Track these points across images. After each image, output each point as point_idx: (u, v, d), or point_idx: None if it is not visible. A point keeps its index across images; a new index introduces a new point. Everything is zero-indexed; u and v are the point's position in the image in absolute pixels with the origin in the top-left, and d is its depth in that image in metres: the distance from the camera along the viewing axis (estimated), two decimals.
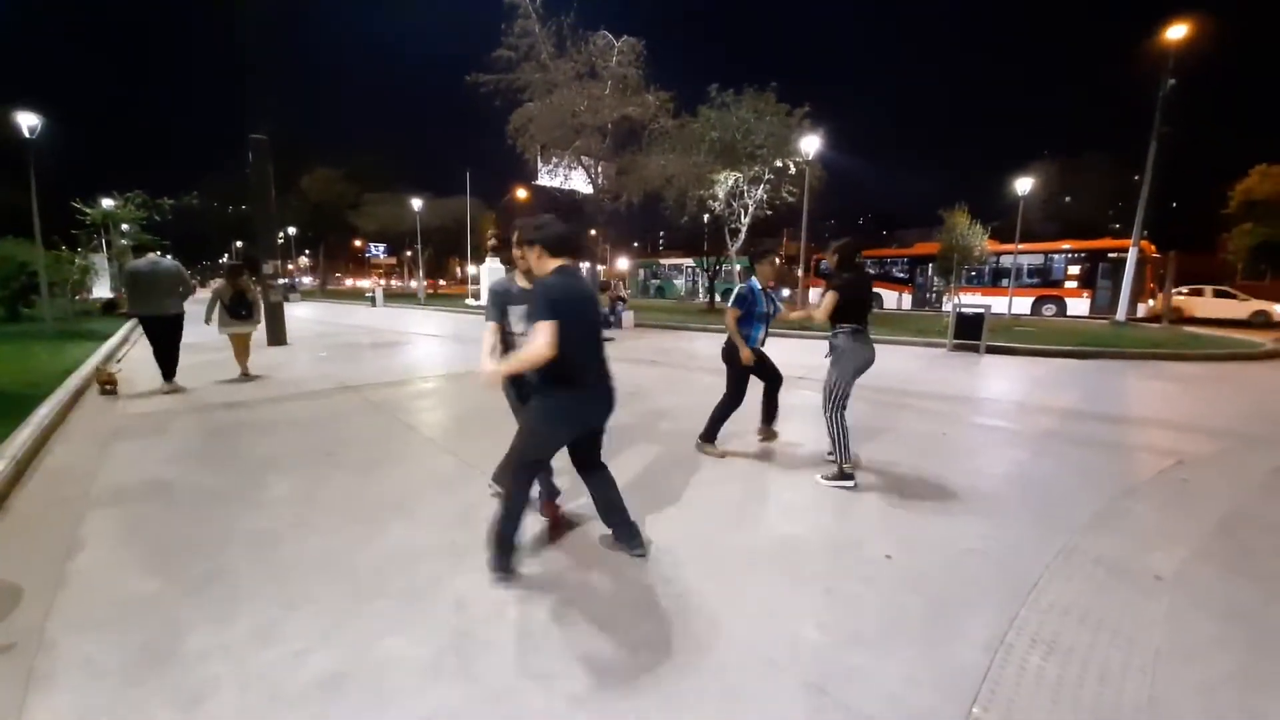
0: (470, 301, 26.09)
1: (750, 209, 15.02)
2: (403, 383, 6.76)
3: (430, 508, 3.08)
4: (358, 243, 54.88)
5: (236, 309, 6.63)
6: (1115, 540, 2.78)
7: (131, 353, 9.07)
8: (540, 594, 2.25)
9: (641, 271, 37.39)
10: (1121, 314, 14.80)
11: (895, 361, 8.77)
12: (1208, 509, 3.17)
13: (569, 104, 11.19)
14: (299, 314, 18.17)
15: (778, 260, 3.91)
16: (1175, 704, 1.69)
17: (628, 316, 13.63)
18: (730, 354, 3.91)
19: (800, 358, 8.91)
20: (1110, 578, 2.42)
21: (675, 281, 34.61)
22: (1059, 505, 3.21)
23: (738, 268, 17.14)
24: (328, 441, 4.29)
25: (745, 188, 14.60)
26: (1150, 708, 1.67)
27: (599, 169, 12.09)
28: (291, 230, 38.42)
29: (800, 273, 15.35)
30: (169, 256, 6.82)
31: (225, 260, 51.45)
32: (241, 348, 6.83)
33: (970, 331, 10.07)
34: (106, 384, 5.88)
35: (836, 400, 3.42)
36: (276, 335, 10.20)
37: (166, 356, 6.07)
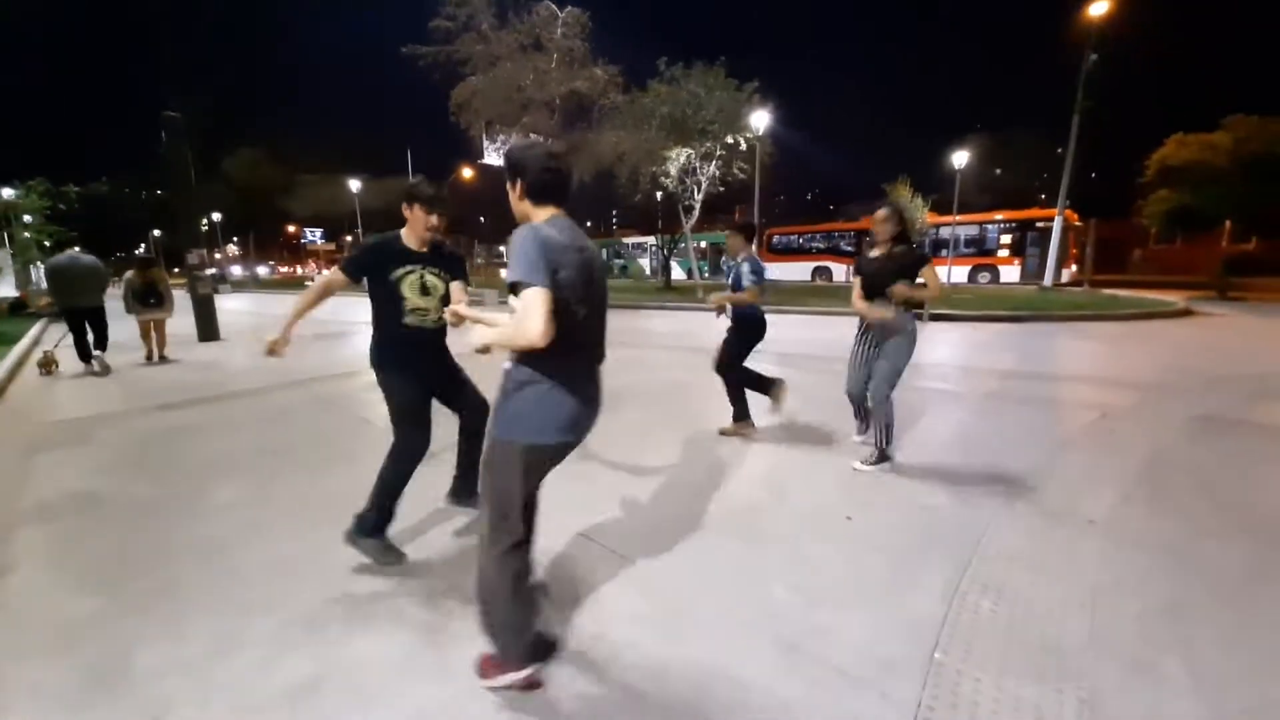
0: None
1: (703, 185, 15.02)
2: (353, 374, 6.49)
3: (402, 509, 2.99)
4: (291, 228, 51.87)
5: (146, 298, 7.29)
6: (1052, 489, 3.00)
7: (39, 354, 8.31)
8: None
9: (604, 251, 36.92)
10: (1048, 279, 15.77)
11: (846, 330, 9.07)
12: (1132, 455, 3.46)
13: (514, 77, 10.80)
14: (231, 306, 17.04)
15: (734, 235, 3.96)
16: (1114, 635, 1.85)
17: None
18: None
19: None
20: (1048, 524, 2.62)
21: (640, 260, 34.08)
22: (1001, 460, 3.42)
23: (696, 244, 17.24)
24: (274, 441, 4.08)
25: (698, 164, 14.56)
26: (1092, 640, 1.82)
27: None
28: (216, 216, 35.79)
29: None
30: (81, 250, 7.34)
31: (140, 252, 47.62)
32: (148, 332, 7.42)
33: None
34: (49, 365, 6.74)
35: (893, 385, 3.25)
36: (207, 330, 9.57)
37: (97, 339, 6.89)
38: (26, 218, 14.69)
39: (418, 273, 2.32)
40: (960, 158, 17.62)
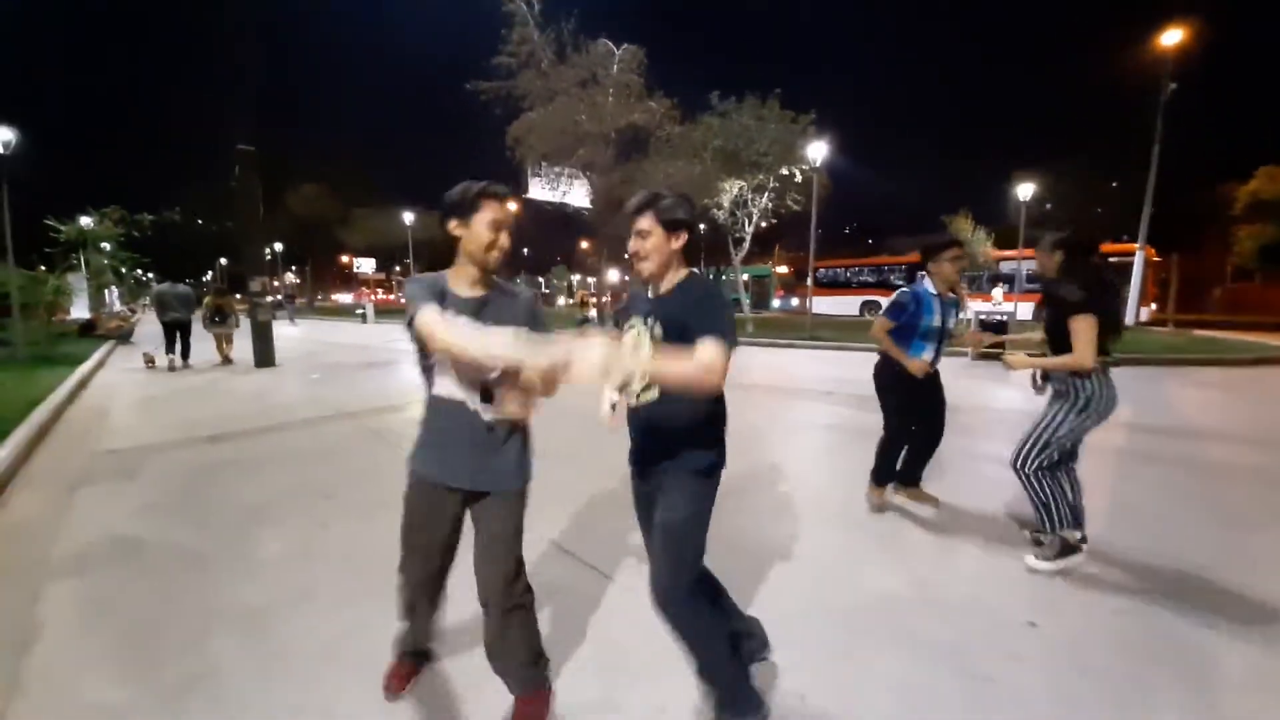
0: None
1: (754, 217, 14.71)
2: (402, 407, 6.25)
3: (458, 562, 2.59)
4: (344, 258, 54.12)
5: (212, 317, 9.99)
6: (1257, 584, 2.36)
7: (104, 377, 8.47)
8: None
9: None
10: (1130, 318, 14.63)
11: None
12: None
13: (570, 112, 10.83)
14: (286, 332, 17.48)
15: (960, 256, 2.92)
16: None
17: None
18: (882, 376, 3.10)
19: (815, 368, 8.48)
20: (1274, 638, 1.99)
21: None
22: (1173, 541, 2.79)
23: (743, 277, 16.87)
24: (325, 480, 3.77)
25: (750, 196, 14.29)
26: None
27: (598, 179, 11.70)
28: (278, 246, 37.56)
29: (810, 284, 14.99)
30: (182, 283, 10.24)
31: (209, 277, 50.46)
32: (220, 342, 10.04)
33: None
34: (150, 361, 9.31)
35: (1050, 454, 2.49)
36: (264, 356, 9.62)
37: (183, 348, 9.41)
38: (104, 245, 15.49)
39: (636, 329, 1.57)
40: (1026, 189, 16.79)
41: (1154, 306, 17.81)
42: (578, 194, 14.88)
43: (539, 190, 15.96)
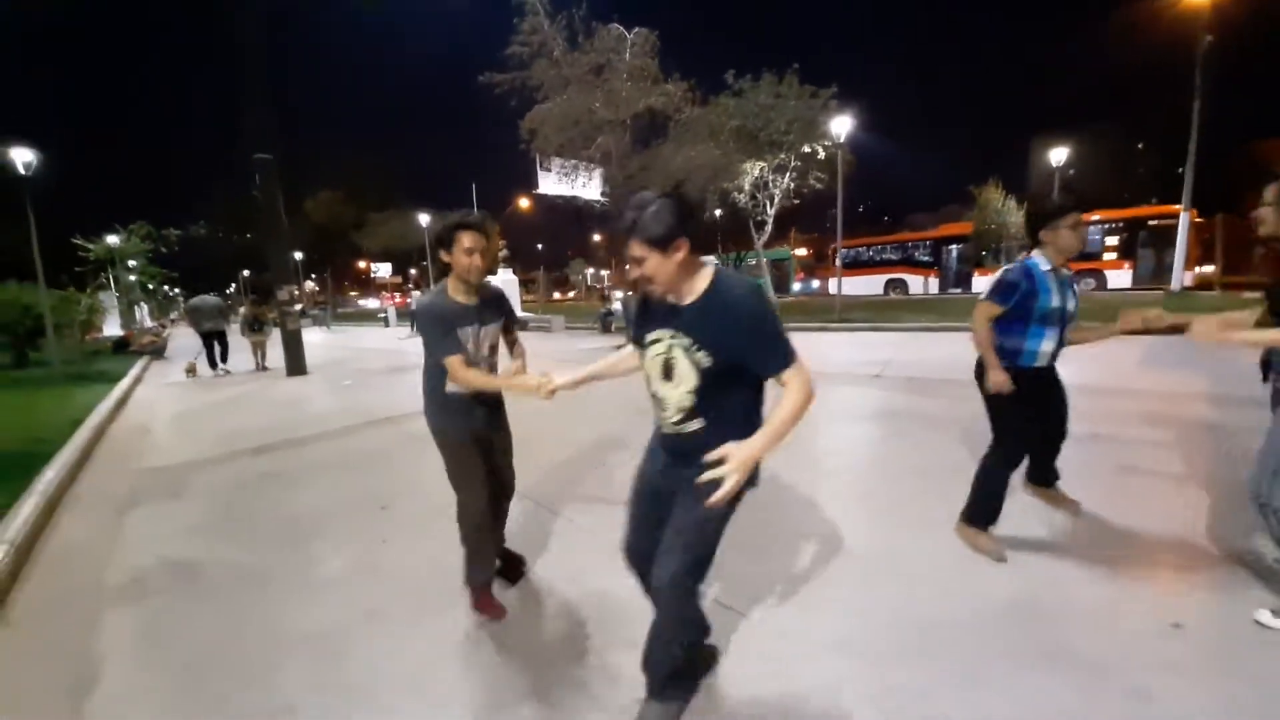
0: None
1: (776, 199, 14.33)
2: None
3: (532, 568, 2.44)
4: (361, 264, 54.65)
5: (250, 325, 10.61)
6: None
7: (141, 392, 8.53)
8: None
9: None
10: (1176, 283, 13.99)
11: (964, 351, 8.05)
12: None
13: (585, 99, 10.58)
14: (313, 340, 17.57)
15: (1081, 223, 2.31)
16: None
17: None
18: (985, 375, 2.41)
19: (853, 351, 8.16)
20: None
21: None
22: None
23: (764, 261, 16.47)
24: (376, 490, 3.65)
25: (770, 177, 13.90)
26: None
27: (616, 168, 11.43)
28: (298, 255, 37.96)
29: (839, 264, 14.59)
30: (212, 294, 11.01)
31: (231, 290, 51.45)
32: (255, 349, 10.57)
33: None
34: (192, 371, 9.84)
35: None
36: (296, 364, 9.62)
37: (221, 352, 10.15)
38: (131, 261, 15.70)
39: (665, 342, 1.50)
40: (1059, 154, 16.10)
41: (1199, 269, 17.02)
42: (591, 188, 14.63)
43: (551, 185, 15.76)
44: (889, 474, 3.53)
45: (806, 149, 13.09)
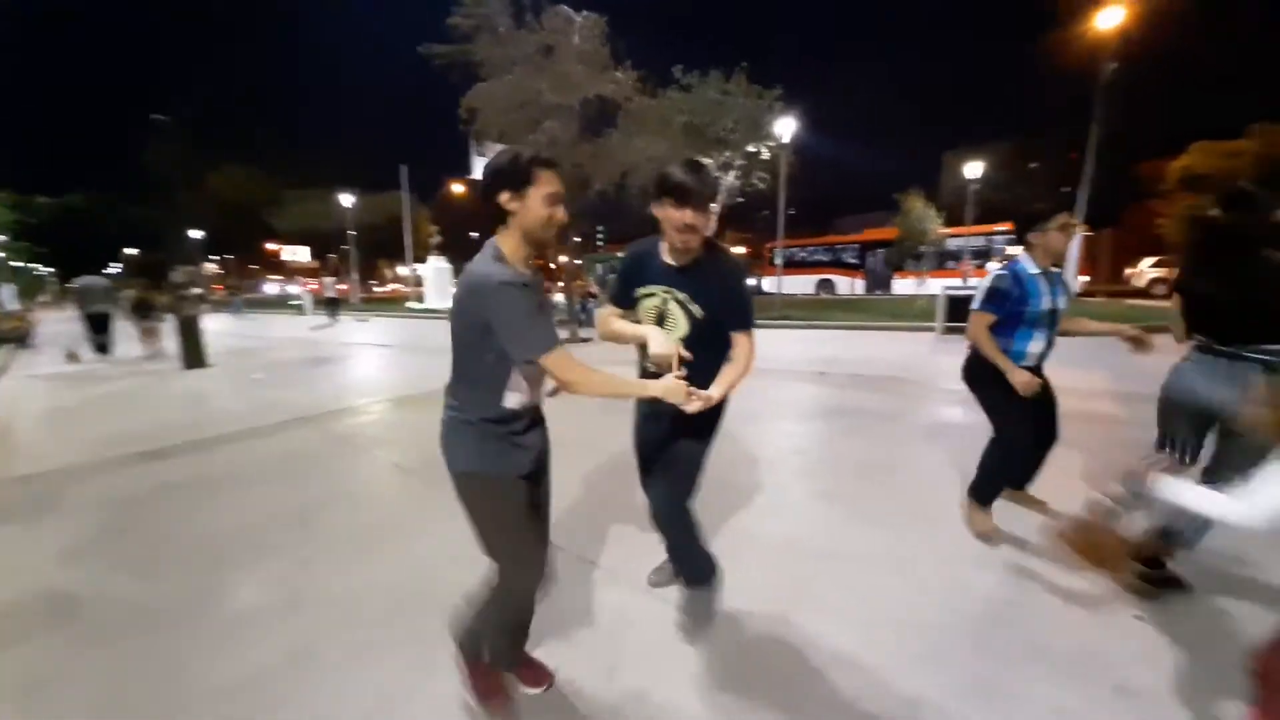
0: (414, 305, 24.16)
1: (720, 196, 14.50)
2: (368, 408, 5.65)
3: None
4: (272, 245, 50.50)
5: (136, 309, 9.75)
6: None
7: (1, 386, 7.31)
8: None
9: (599, 267, 36.17)
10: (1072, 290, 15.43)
11: (899, 350, 8.44)
12: None
13: (531, 82, 10.11)
14: (216, 328, 15.84)
15: (1069, 225, 2.35)
16: None
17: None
18: (975, 369, 2.49)
19: (797, 349, 8.35)
20: None
21: None
22: None
23: None
24: (296, 502, 3.24)
25: (717, 174, 14.05)
26: None
27: (563, 156, 11.03)
28: (199, 234, 34.22)
29: (780, 264, 14.96)
30: (100, 275, 10.26)
31: (115, 269, 45.82)
32: (145, 335, 9.74)
33: (960, 313, 9.94)
34: (74, 357, 8.98)
35: None
36: (194, 355, 8.59)
37: (104, 340, 9.41)
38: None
39: (660, 296, 1.75)
40: (974, 168, 17.30)
41: (1085, 278, 18.91)
42: None
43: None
44: (846, 471, 3.54)
45: (751, 148, 13.28)
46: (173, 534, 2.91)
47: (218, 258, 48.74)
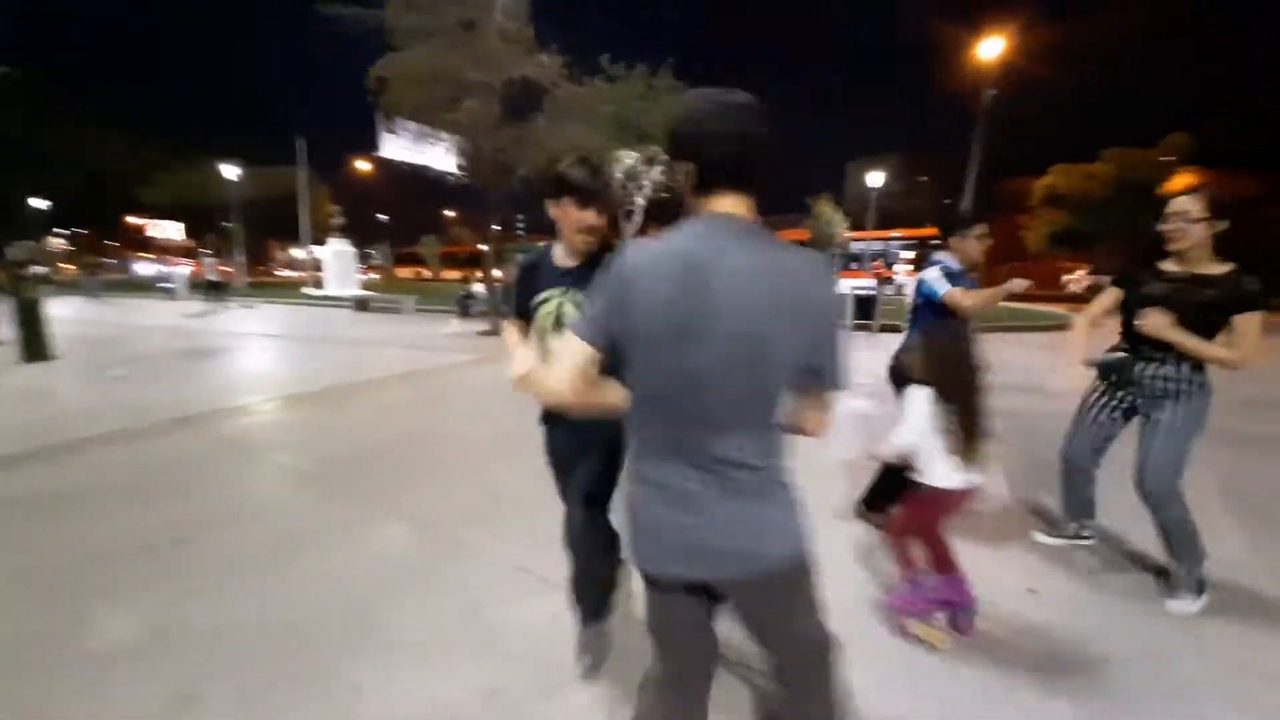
0: (311, 290, 22.12)
1: (644, 190, 14.51)
2: (257, 406, 5.08)
3: (407, 619, 2.01)
4: (137, 220, 44.42)
5: None
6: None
7: None
8: None
9: (520, 256, 35.11)
10: None
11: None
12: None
13: (452, 56, 9.48)
14: (66, 314, 13.54)
15: (987, 235, 2.51)
16: None
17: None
18: (901, 378, 2.41)
19: None
20: None
21: None
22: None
23: None
24: (170, 519, 2.81)
25: (641, 168, 14.02)
26: None
27: (484, 139, 10.48)
28: (42, 204, 29.19)
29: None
30: None
31: None
32: None
33: (865, 312, 10.69)
34: None
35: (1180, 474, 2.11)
36: (36, 348, 7.31)
37: None
38: None
39: (555, 300, 1.63)
40: (876, 177, 18.64)
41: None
42: (439, 156, 13.29)
43: (397, 149, 14.07)
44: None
45: None
46: (16, 562, 2.42)
47: (67, 232, 42.14)
